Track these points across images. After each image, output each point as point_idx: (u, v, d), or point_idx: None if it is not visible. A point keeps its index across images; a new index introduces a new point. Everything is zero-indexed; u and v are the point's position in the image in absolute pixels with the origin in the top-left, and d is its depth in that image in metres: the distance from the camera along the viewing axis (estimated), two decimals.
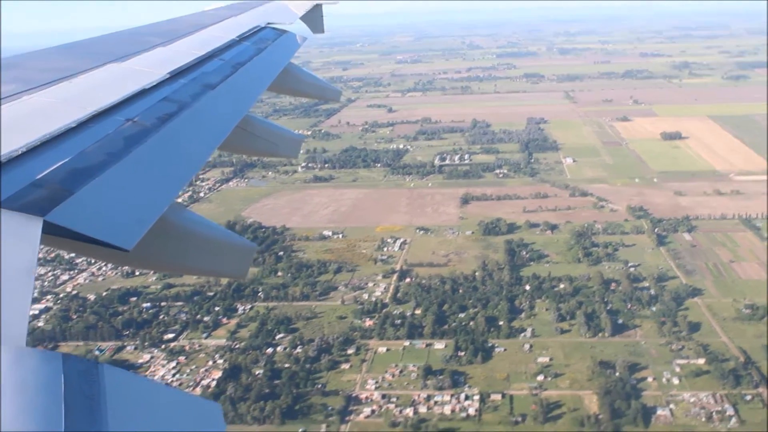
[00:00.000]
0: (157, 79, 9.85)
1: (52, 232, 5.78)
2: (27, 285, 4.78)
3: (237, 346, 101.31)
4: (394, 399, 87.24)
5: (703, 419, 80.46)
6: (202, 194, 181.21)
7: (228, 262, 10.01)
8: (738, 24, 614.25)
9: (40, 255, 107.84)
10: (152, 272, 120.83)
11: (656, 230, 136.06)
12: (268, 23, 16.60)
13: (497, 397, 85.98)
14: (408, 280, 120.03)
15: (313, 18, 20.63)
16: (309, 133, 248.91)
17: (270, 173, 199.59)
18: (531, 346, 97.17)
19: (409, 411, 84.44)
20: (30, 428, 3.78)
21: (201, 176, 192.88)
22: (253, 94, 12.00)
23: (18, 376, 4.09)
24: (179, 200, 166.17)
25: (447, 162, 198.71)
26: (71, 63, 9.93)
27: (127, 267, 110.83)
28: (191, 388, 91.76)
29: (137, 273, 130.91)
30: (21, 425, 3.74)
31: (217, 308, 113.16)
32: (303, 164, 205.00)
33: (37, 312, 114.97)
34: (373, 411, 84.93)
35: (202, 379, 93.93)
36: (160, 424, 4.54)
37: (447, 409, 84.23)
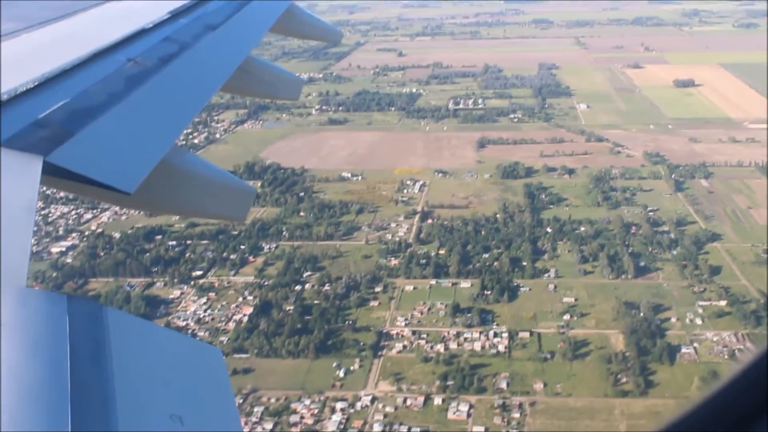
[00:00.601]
0: (157, 17, 9.76)
1: (53, 173, 5.75)
2: (27, 224, 4.77)
3: (266, 283, 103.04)
4: (424, 335, 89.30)
5: (726, 357, 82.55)
6: (218, 135, 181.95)
7: (228, 204, 9.95)
8: None
9: (62, 194, 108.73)
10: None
11: (673, 176, 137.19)
12: None
13: (525, 335, 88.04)
14: (430, 221, 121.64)
15: None
16: (320, 75, 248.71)
17: (284, 115, 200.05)
18: (555, 287, 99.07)
19: (440, 347, 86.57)
20: (36, 368, 3.84)
21: (216, 117, 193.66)
22: (255, 35, 12.08)
23: (23, 317, 4.18)
24: (183, 143, 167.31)
25: (461, 106, 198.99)
26: (70, 1, 9.80)
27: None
28: (223, 323, 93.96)
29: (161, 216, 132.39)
30: (26, 365, 3.81)
31: (242, 247, 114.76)
32: (317, 107, 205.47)
33: (63, 249, 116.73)
34: (404, 346, 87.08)
35: (233, 315, 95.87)
36: (163, 367, 4.63)
37: (477, 346, 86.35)
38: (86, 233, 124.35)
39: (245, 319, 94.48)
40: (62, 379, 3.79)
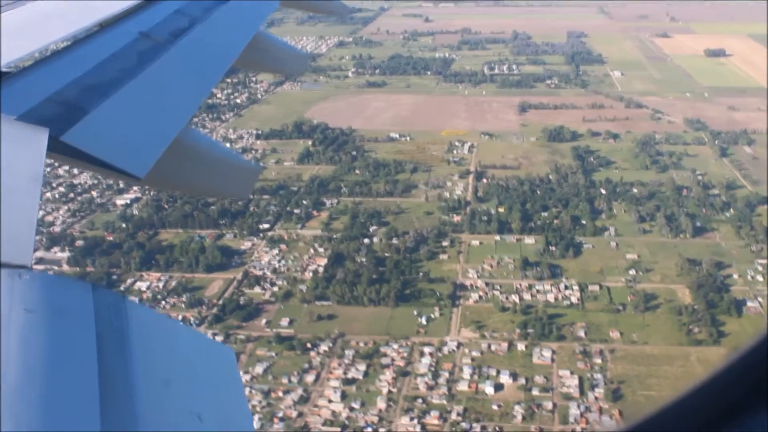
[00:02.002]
0: None
1: (64, 152, 5.80)
2: (33, 194, 4.80)
3: (334, 237, 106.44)
4: (497, 287, 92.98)
5: None
6: (259, 96, 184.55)
7: (234, 183, 10.10)
8: None
9: None
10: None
11: (717, 142, 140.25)
12: None
13: (595, 288, 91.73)
14: (485, 180, 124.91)
15: None
16: (350, 39, 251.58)
17: (321, 77, 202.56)
18: (617, 244, 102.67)
19: (515, 297, 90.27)
20: (64, 356, 3.93)
21: (253, 78, 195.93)
22: (265, 9, 12.10)
23: (50, 303, 4.25)
24: (226, 103, 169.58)
25: (496, 71, 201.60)
26: None
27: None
28: (299, 273, 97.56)
29: None
30: (54, 352, 3.87)
31: (305, 202, 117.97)
32: (353, 70, 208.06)
33: (128, 201, 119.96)
34: (480, 297, 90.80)
35: (308, 265, 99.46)
36: (180, 364, 4.74)
37: (550, 297, 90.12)
38: (146, 186, 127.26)
39: (320, 269, 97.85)
40: (91, 371, 3.88)
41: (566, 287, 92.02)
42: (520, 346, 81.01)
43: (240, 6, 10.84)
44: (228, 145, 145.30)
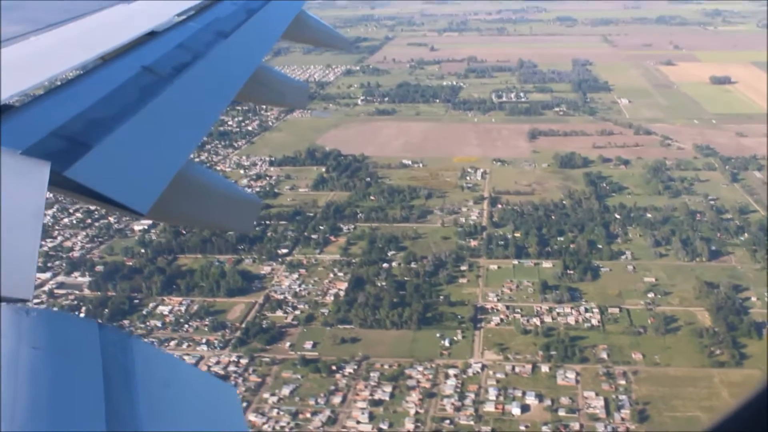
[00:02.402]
0: (167, 21, 9.83)
1: (68, 186, 5.83)
2: (35, 229, 4.79)
3: (353, 261, 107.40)
4: (518, 310, 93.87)
5: None
6: (270, 123, 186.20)
7: (236, 216, 10.10)
8: None
9: None
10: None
11: (727, 168, 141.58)
12: None
13: (615, 310, 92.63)
14: (499, 206, 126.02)
15: None
16: (358, 68, 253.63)
17: (331, 105, 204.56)
18: (634, 268, 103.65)
19: (536, 320, 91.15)
20: (71, 393, 3.97)
21: (263, 106, 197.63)
22: (266, 44, 12.19)
23: (57, 341, 4.27)
24: (237, 131, 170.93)
25: (504, 99, 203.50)
26: (78, 4, 9.78)
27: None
28: (321, 297, 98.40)
29: None
30: (61, 390, 3.91)
31: (321, 227, 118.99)
32: (361, 98, 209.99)
33: (146, 227, 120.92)
34: (501, 320, 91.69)
35: (328, 289, 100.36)
36: (185, 402, 4.80)
37: (571, 320, 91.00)
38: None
39: (341, 293, 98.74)
40: (98, 408, 3.95)
41: (586, 310, 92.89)
42: (544, 368, 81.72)
43: (242, 40, 10.83)
44: (242, 171, 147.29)
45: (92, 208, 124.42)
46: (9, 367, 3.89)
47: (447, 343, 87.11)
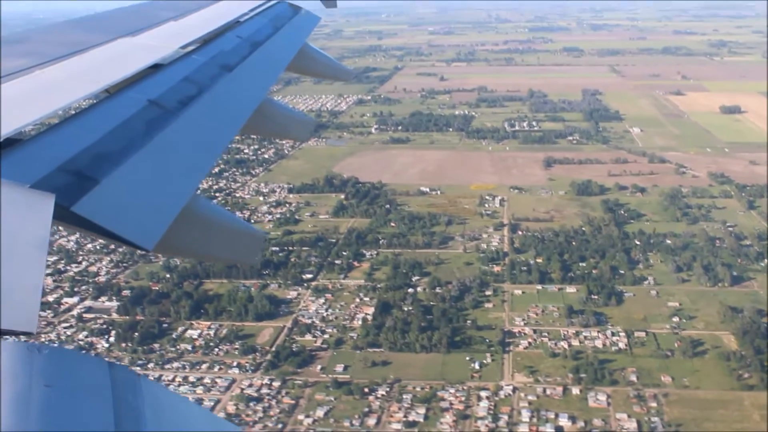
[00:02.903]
0: (169, 54, 9.88)
1: (71, 220, 5.80)
2: (39, 262, 4.80)
3: (378, 286, 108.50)
4: (545, 334, 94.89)
5: None
6: (286, 151, 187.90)
7: (240, 249, 10.06)
8: (761, 7, 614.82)
9: None
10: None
11: (743, 195, 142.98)
12: None
13: (641, 334, 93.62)
14: (520, 232, 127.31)
15: None
16: (369, 97, 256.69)
17: (345, 133, 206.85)
18: (657, 293, 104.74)
19: (563, 344, 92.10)
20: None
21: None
22: (271, 77, 12.14)
23: (69, 379, 4.42)
24: (254, 158, 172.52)
25: (517, 128, 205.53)
26: (83, 37, 9.84)
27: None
28: (348, 321, 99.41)
29: (253, 220, 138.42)
30: (73, 428, 4.05)
31: (344, 253, 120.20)
32: (375, 126, 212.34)
33: None
34: (529, 343, 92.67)
35: (355, 314, 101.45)
36: None
37: (598, 343, 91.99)
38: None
39: (368, 317, 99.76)
40: None
41: (613, 334, 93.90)
42: (575, 391, 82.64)
43: (247, 74, 10.88)
44: (261, 198, 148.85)
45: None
46: (22, 404, 4.00)
47: (477, 366, 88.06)
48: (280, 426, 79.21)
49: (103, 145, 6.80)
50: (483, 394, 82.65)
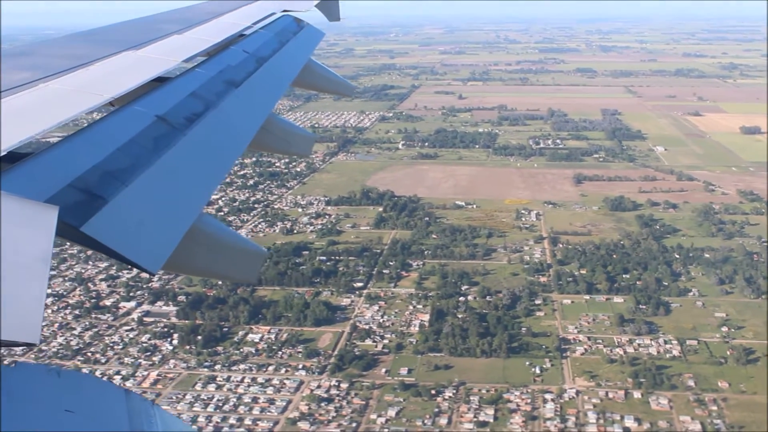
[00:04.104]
0: (173, 67, 9.89)
1: (76, 238, 5.87)
2: (42, 274, 4.84)
3: (429, 294, 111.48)
4: (599, 341, 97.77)
5: None
6: (317, 165, 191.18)
7: (240, 267, 9.98)
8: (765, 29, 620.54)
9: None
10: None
11: None
12: (284, 10, 16.94)
13: (693, 342, 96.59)
14: (560, 245, 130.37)
15: (329, 6, 20.76)
16: (391, 114, 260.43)
17: (373, 149, 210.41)
18: (703, 304, 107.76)
19: (619, 350, 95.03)
20: None
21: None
22: (276, 93, 12.26)
23: (88, 405, 4.66)
24: (286, 171, 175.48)
25: (542, 145, 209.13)
26: (87, 51, 9.86)
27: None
28: (405, 327, 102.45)
29: (295, 231, 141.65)
30: None
31: (392, 263, 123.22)
32: (402, 142, 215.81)
33: None
34: (585, 350, 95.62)
35: (411, 320, 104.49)
36: None
37: (652, 351, 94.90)
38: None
39: (425, 324, 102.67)
40: None
41: (665, 342, 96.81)
42: (636, 394, 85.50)
43: (253, 90, 10.90)
44: (300, 210, 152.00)
45: None
46: (41, 427, 4.16)
47: (537, 371, 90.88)
48: (354, 425, 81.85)
49: (112, 163, 6.73)
50: (547, 396, 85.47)
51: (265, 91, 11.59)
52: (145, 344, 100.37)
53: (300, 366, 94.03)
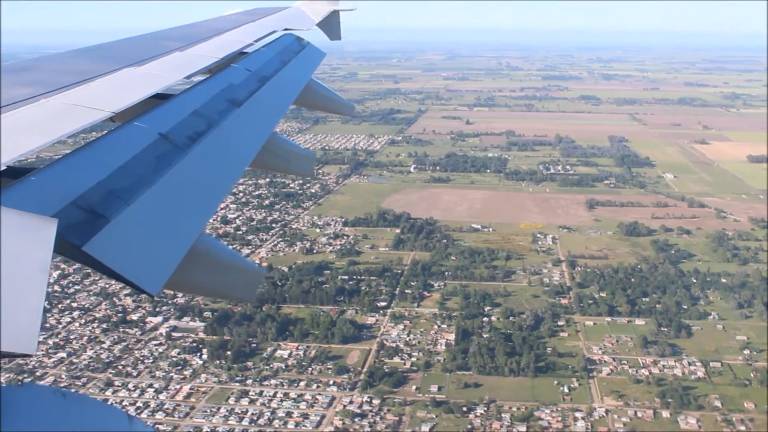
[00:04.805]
0: (174, 83, 9.92)
1: (75, 256, 5.84)
2: (40, 286, 4.82)
3: (453, 314, 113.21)
4: (624, 361, 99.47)
5: None
6: (331, 186, 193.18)
7: (239, 286, 10.03)
8: (764, 59, 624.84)
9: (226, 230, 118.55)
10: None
11: None
12: (286, 29, 17.06)
13: (716, 364, 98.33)
14: (578, 268, 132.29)
15: (330, 25, 21.04)
16: (400, 138, 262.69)
17: (385, 172, 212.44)
18: (723, 327, 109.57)
19: (644, 371, 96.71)
20: None
21: (321, 170, 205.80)
22: (278, 112, 12.22)
23: (91, 429, 4.78)
24: (300, 193, 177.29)
25: (552, 171, 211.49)
26: (88, 66, 9.94)
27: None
28: (431, 346, 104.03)
29: (315, 250, 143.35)
30: None
31: (413, 283, 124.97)
32: (413, 166, 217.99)
33: None
34: (611, 370, 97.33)
35: (436, 339, 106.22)
36: None
37: (677, 372, 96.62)
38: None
39: (451, 343, 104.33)
40: None
41: (689, 363, 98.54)
42: (665, 414, 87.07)
43: (255, 109, 10.95)
44: (318, 230, 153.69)
45: None
46: None
47: (566, 390, 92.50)
48: None
49: (114, 181, 6.71)
50: (578, 414, 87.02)
51: (267, 110, 11.66)
52: (174, 358, 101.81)
53: (330, 382, 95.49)
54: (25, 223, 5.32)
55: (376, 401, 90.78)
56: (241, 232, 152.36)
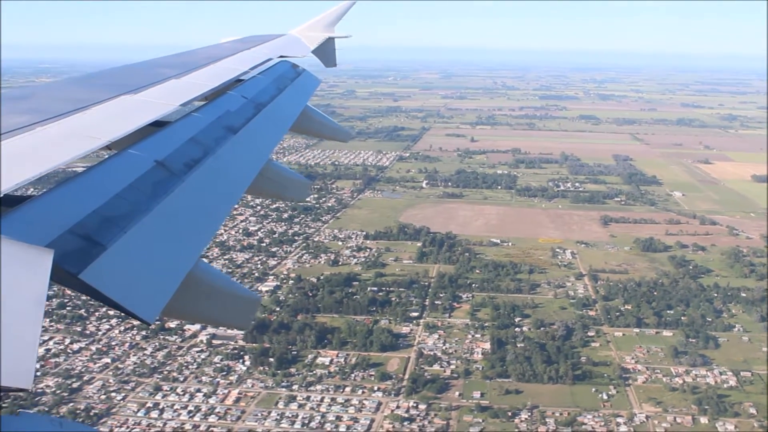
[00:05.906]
0: (170, 111, 9.93)
1: (72, 284, 5.83)
2: (36, 317, 4.83)
3: (486, 325, 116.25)
4: (657, 370, 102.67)
5: None
6: (347, 201, 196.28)
7: (234, 313, 9.97)
8: (756, 82, 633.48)
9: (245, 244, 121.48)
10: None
11: None
12: (281, 56, 17.20)
13: (747, 374, 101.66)
14: (600, 282, 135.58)
15: (326, 51, 21.29)
16: (407, 155, 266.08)
17: (397, 187, 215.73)
18: (749, 339, 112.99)
19: (678, 380, 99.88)
20: None
21: (330, 186, 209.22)
22: (274, 140, 12.25)
23: None
24: (317, 206, 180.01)
25: (562, 188, 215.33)
26: (85, 95, 9.99)
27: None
28: (468, 355, 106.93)
29: (340, 262, 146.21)
30: None
31: (442, 295, 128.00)
32: (425, 182, 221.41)
33: (271, 288, 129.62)
34: (646, 378, 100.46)
35: (472, 348, 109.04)
36: None
37: (710, 381, 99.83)
38: (281, 276, 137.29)
39: (488, 351, 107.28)
40: None
41: (721, 373, 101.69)
42: (703, 420, 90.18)
43: (252, 137, 11.02)
44: (340, 243, 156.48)
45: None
46: None
47: (605, 396, 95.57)
48: None
49: (111, 209, 6.74)
50: (620, 420, 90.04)
51: (263, 137, 11.68)
52: (218, 365, 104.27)
53: (375, 388, 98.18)
54: (21, 255, 5.33)
55: (422, 406, 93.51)
56: (264, 244, 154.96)
